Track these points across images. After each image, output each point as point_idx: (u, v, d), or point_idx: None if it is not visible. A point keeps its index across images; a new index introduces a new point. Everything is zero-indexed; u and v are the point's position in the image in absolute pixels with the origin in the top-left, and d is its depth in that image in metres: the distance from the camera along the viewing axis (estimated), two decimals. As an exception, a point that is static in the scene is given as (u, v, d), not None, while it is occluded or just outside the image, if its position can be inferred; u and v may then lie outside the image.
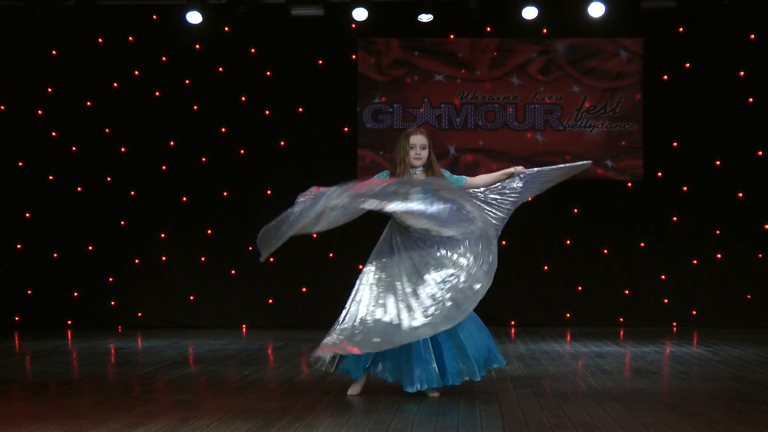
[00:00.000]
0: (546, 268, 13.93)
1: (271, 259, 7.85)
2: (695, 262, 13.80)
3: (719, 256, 13.76)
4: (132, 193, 13.95)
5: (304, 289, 13.85)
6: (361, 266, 7.67)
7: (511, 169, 7.96)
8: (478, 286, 7.28)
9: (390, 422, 6.33)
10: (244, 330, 13.34)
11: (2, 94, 13.89)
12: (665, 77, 13.83)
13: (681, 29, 13.76)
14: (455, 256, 7.39)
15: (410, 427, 6.18)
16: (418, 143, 7.61)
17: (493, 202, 7.90)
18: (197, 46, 13.97)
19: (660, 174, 13.85)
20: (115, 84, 13.96)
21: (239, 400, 7.27)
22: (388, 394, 7.48)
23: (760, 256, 13.71)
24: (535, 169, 8.09)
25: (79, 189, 13.93)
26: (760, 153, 13.71)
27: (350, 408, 6.92)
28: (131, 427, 6.22)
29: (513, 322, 13.81)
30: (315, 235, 13.45)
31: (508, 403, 7.08)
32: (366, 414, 6.66)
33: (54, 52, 13.94)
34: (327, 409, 6.86)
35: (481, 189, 7.89)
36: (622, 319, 13.78)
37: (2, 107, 13.90)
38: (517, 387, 7.90)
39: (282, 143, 13.98)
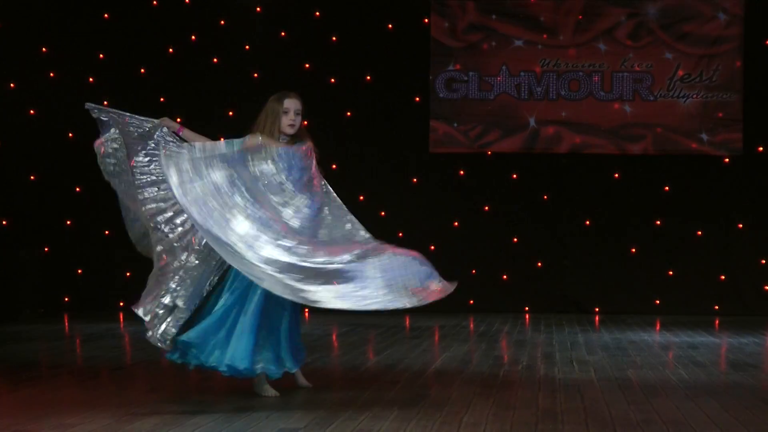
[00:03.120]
0: (633, 250, 13.81)
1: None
2: (799, 245, 13.61)
3: (826, 239, 13.57)
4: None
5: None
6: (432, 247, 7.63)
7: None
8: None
9: (463, 415, 6.32)
10: (306, 315, 13.40)
11: (52, 61, 14.08)
12: (768, 42, 13.62)
13: (787, -11, 13.52)
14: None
15: (485, 421, 6.16)
16: (293, 107, 7.28)
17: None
18: (258, 9, 14.02)
19: (761, 149, 13.64)
20: (171, 50, 14.07)
21: (300, 389, 7.30)
22: (460, 385, 7.48)
23: None
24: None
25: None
26: None
27: (419, 400, 6.91)
28: (186, 416, 6.28)
29: (597, 309, 13.72)
30: (383, 213, 13.50)
31: (591, 397, 7.03)
32: (437, 406, 6.65)
33: (106, 15, 14.08)
34: (395, 401, 6.86)
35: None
36: (717, 307, 13.62)
37: (52, 74, 14.08)
38: (601, 379, 7.84)
39: (348, 114, 13.98)
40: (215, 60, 14.08)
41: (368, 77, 13.88)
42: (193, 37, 14.08)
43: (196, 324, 6.93)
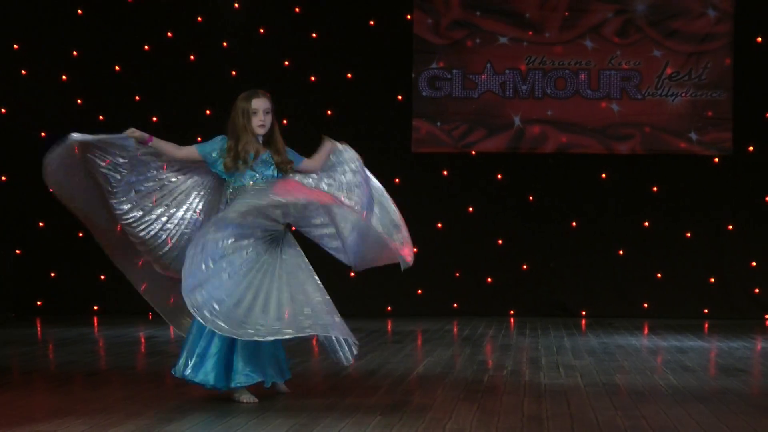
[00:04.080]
0: (621, 252, 13.84)
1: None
2: (790, 247, 13.68)
3: (817, 240, 13.63)
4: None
5: (352, 274, 13.86)
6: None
7: (329, 144, 7.73)
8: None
9: (446, 422, 6.34)
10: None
11: (23, 58, 14.02)
12: (759, 39, 13.65)
13: (777, -15, 13.60)
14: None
15: (469, 427, 6.18)
16: (261, 107, 7.29)
17: (327, 188, 7.72)
18: (236, 5, 14.01)
19: (751, 148, 13.69)
20: (147, 47, 14.04)
21: (280, 395, 7.30)
22: (443, 391, 7.49)
23: None
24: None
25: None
26: None
27: (402, 406, 6.93)
28: (163, 422, 6.27)
29: (584, 313, 13.75)
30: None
31: (577, 403, 7.06)
32: (419, 412, 6.67)
33: (80, 11, 14.04)
34: (377, 407, 6.87)
35: (313, 175, 7.72)
36: (707, 311, 13.67)
37: (23, 72, 14.03)
38: (588, 385, 7.87)
39: (329, 112, 13.99)
40: (192, 57, 14.06)
41: (349, 75, 13.89)
42: (169, 34, 14.06)
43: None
